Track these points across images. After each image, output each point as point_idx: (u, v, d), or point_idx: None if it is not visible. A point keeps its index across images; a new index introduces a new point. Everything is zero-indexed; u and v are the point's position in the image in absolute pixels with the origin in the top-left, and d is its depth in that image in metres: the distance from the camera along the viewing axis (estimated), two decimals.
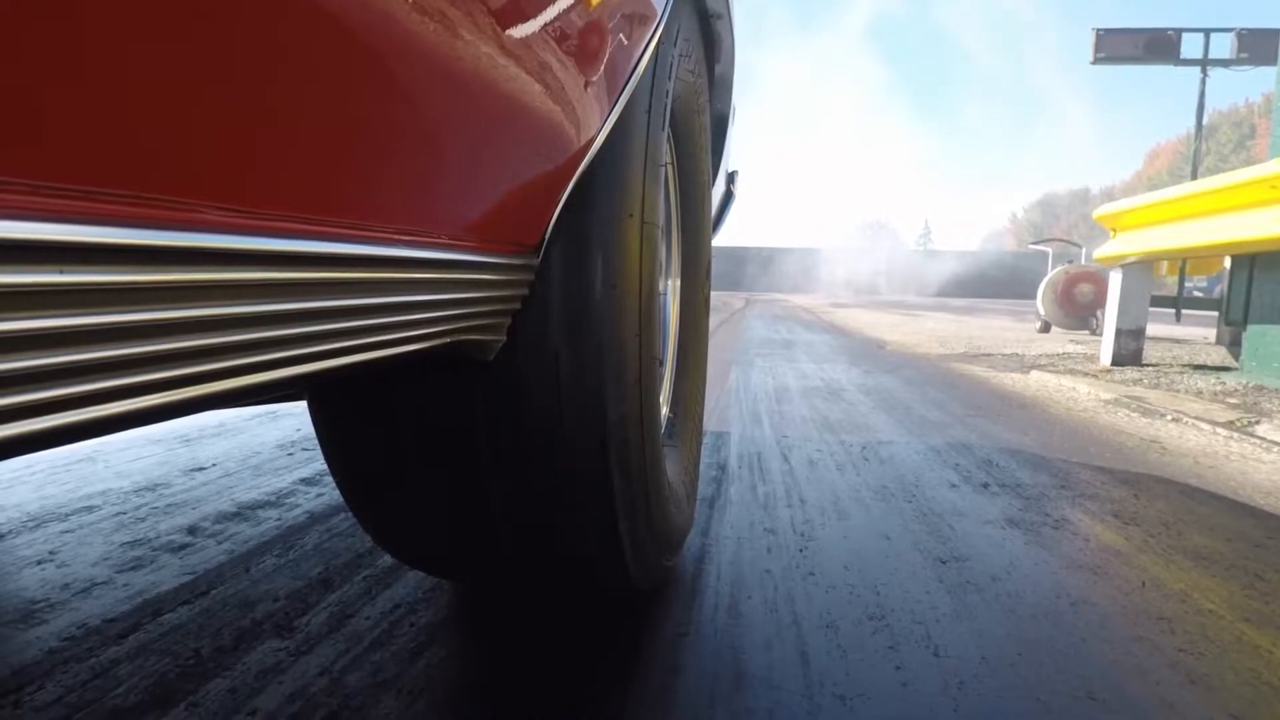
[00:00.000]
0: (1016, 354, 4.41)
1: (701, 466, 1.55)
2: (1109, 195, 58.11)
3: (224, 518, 1.17)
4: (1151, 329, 7.40)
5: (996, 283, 28.77)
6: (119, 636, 0.78)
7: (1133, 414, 2.44)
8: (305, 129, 0.30)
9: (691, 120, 1.03)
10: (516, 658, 0.76)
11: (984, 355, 4.33)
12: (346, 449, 0.70)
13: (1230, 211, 2.98)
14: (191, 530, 1.11)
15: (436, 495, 0.69)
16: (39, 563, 0.97)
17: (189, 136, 0.25)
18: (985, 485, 1.47)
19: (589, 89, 0.54)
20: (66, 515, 1.16)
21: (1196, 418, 2.29)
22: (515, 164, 0.48)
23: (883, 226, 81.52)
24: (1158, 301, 4.99)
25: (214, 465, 1.48)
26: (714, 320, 7.23)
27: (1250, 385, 2.94)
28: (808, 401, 2.51)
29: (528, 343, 0.61)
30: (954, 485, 1.46)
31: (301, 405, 1.97)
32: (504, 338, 0.59)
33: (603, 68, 0.55)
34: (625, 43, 0.59)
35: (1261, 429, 2.12)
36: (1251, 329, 3.16)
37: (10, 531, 1.09)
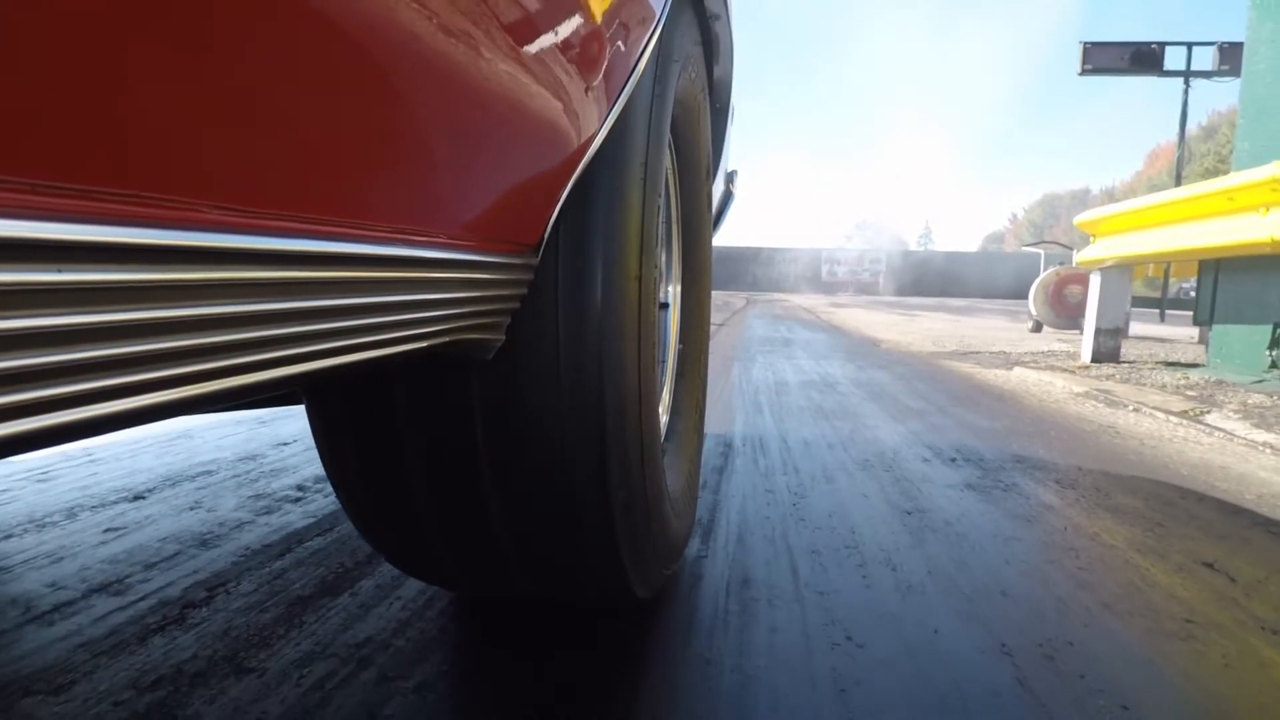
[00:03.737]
0: (1004, 352, 4.66)
1: (709, 445, 1.81)
2: (1110, 195, 58.29)
3: (321, 480, 1.42)
4: (1142, 329, 7.64)
5: (997, 282, 29.01)
6: (280, 554, 1.04)
7: (1099, 405, 2.69)
8: (306, 128, 0.31)
9: (691, 120, 1.02)
10: None
11: (973, 353, 4.58)
12: (344, 451, 0.69)
13: (1195, 220, 3.23)
14: (299, 488, 1.36)
15: (434, 498, 0.68)
16: (192, 508, 1.23)
17: (188, 135, 0.26)
18: (953, 460, 1.72)
19: (588, 89, 0.54)
20: (193, 476, 1.42)
21: (1154, 408, 2.54)
22: (515, 163, 0.48)
23: (883, 227, 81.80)
24: (1145, 302, 5.22)
25: (295, 441, 1.74)
26: (715, 320, 7.48)
27: (1212, 380, 3.19)
28: (804, 393, 2.76)
29: (527, 343, 0.61)
30: (926, 460, 1.72)
31: None
32: (503, 337, 0.58)
33: (601, 68, 0.55)
34: (624, 43, 0.59)
35: (1210, 418, 2.37)
36: (1216, 328, 3.41)
37: (155, 488, 1.34)
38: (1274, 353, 3.07)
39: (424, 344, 0.46)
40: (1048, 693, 0.72)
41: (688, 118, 1.01)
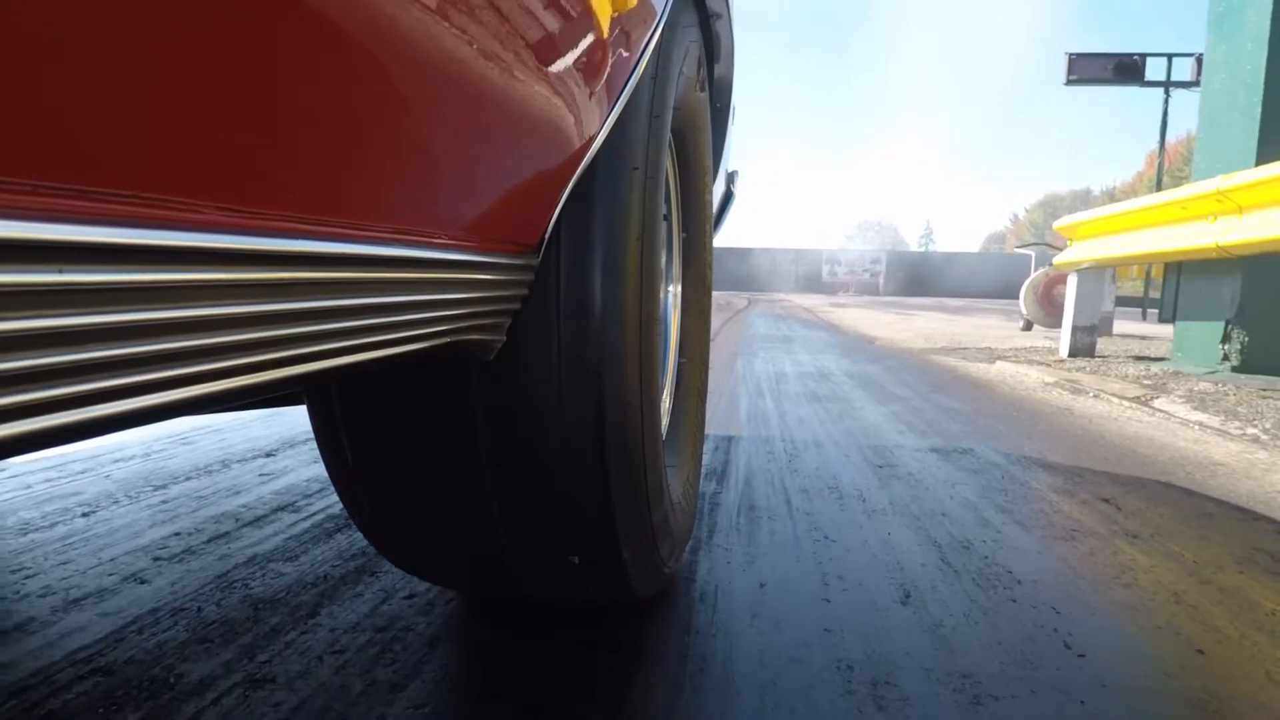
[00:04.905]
0: (990, 348, 4.98)
1: (719, 419, 2.14)
2: (1111, 196, 58.51)
3: None
4: (1130, 327, 7.95)
5: (997, 283, 29.33)
6: None
7: (1063, 392, 3.02)
8: (307, 129, 0.31)
9: (692, 120, 1.03)
10: None
11: (960, 349, 4.91)
12: (345, 451, 0.69)
13: (1157, 226, 3.56)
14: None
15: (435, 498, 0.68)
16: (315, 462, 1.57)
17: (189, 136, 0.26)
18: (924, 433, 2.05)
19: (589, 89, 0.54)
20: (305, 441, 1.75)
21: (1112, 394, 2.87)
22: (515, 164, 0.48)
23: (885, 227, 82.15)
24: (1133, 301, 5.54)
25: None
26: (718, 319, 7.80)
27: (1170, 371, 3.52)
28: (801, 382, 3.09)
29: (528, 343, 0.61)
30: (901, 432, 2.05)
31: None
32: (504, 338, 0.59)
33: (602, 68, 0.55)
34: (625, 43, 0.59)
35: (1157, 402, 2.70)
36: (1178, 325, 3.74)
37: (279, 449, 1.68)
38: (1225, 346, 3.40)
39: (425, 344, 0.46)
40: (959, 564, 1.06)
41: (688, 118, 1.01)
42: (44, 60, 0.20)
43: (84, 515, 1.19)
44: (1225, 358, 3.41)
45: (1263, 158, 3.19)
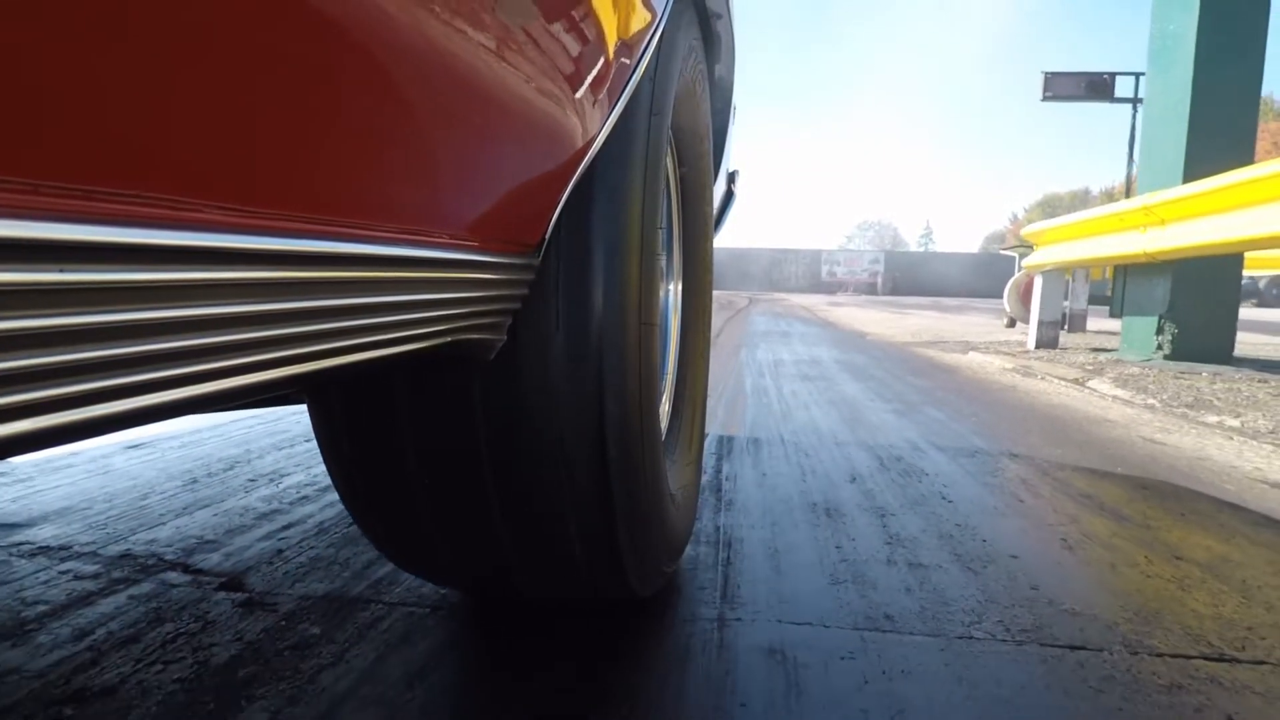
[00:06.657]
0: (968, 341, 5.55)
1: (729, 390, 2.72)
2: (1109, 195, 59.01)
3: None
4: (1104, 324, 8.50)
5: (994, 282, 29.89)
6: None
7: (1016, 375, 3.59)
8: (307, 128, 0.31)
9: (692, 119, 1.04)
10: None
11: (942, 342, 5.48)
12: (346, 451, 0.70)
13: (1104, 234, 4.12)
14: None
15: (436, 499, 0.69)
16: None
17: (189, 136, 0.26)
18: (889, 400, 2.63)
19: (589, 89, 0.54)
20: None
21: (1056, 376, 3.44)
22: (515, 163, 0.49)
23: (884, 227, 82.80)
24: (1100, 300, 6.09)
25: None
26: (721, 317, 8.37)
27: (1113, 359, 4.08)
28: (797, 367, 3.67)
29: (529, 343, 0.61)
30: (872, 401, 2.62)
31: None
32: (504, 338, 0.59)
33: (603, 68, 0.56)
34: (625, 43, 0.60)
35: (1090, 383, 3.27)
36: (1124, 320, 4.31)
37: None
38: (1159, 337, 3.97)
39: (425, 344, 0.47)
40: (892, 467, 1.63)
41: (689, 117, 1.02)
42: (44, 60, 0.20)
43: (306, 441, 1.77)
44: (1159, 347, 3.97)
45: (1188, 178, 3.75)
